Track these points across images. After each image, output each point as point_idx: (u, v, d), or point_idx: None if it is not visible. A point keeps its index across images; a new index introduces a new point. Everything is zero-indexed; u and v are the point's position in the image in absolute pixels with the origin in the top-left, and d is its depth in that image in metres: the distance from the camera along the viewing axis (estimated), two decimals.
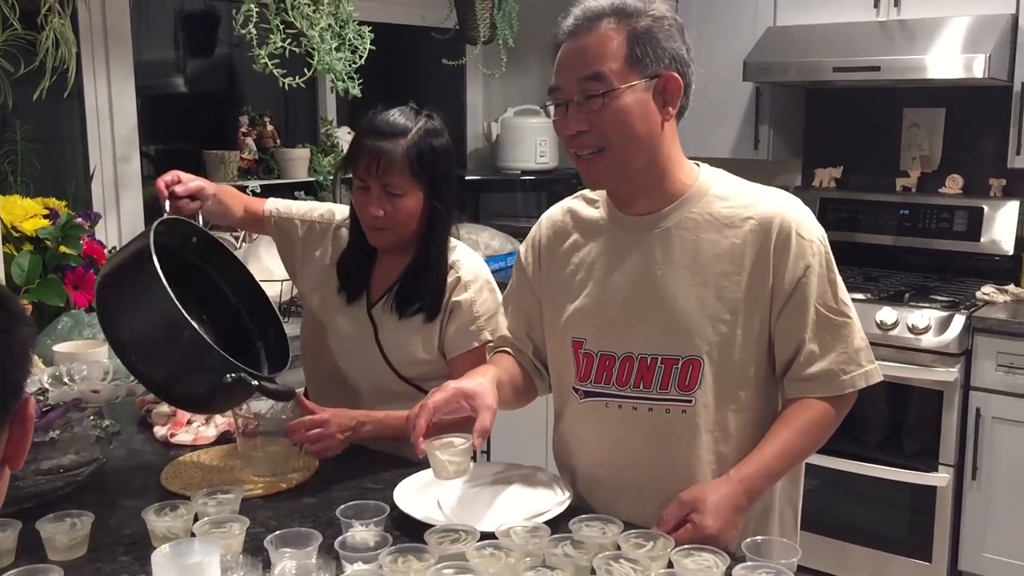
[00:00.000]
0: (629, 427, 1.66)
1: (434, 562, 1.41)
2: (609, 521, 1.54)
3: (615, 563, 1.40)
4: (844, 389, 1.61)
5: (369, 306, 2.05)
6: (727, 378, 1.62)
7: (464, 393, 1.61)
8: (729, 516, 1.53)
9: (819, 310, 1.60)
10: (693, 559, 1.42)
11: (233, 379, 1.72)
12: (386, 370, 2.01)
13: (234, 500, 1.64)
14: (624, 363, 1.65)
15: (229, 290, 2.03)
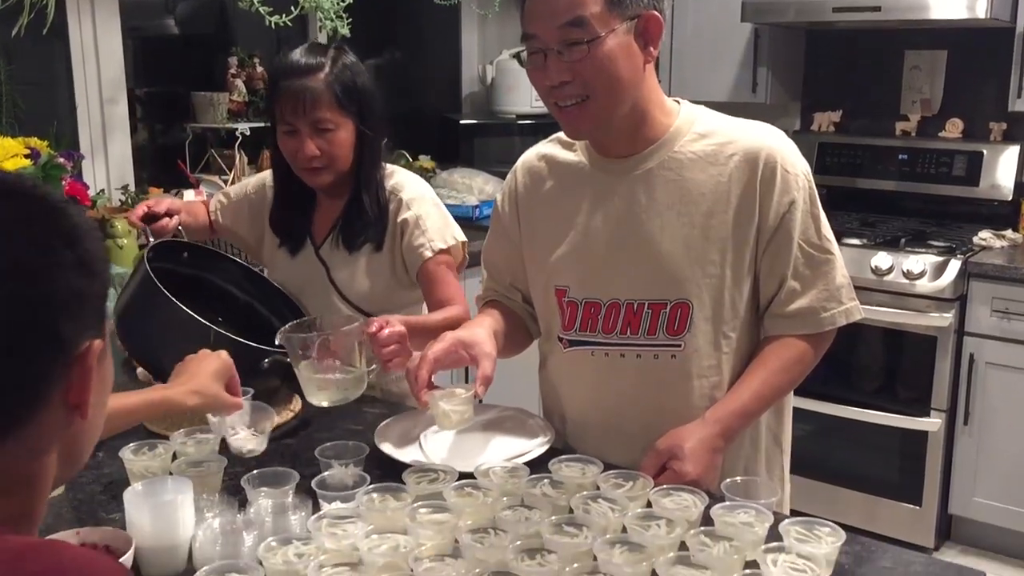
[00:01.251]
0: (617, 375, 1.64)
1: (411, 501, 1.40)
2: (589, 462, 1.53)
3: (593, 503, 1.40)
4: (824, 326, 1.59)
5: (316, 249, 2.03)
6: (718, 320, 1.59)
7: (463, 342, 1.59)
8: (707, 459, 1.52)
9: (802, 246, 1.58)
10: (672, 499, 1.42)
11: (269, 363, 1.77)
12: (345, 308, 2.01)
13: (213, 440, 1.63)
14: (610, 310, 1.62)
15: (234, 288, 2.07)
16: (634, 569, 1.21)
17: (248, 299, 2.06)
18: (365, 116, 1.96)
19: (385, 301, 2.01)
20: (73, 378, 0.80)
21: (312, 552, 1.26)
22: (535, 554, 1.26)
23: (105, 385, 0.87)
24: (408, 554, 1.24)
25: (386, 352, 1.68)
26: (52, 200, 0.81)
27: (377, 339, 1.66)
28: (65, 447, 0.83)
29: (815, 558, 1.24)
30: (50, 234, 0.78)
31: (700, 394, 1.62)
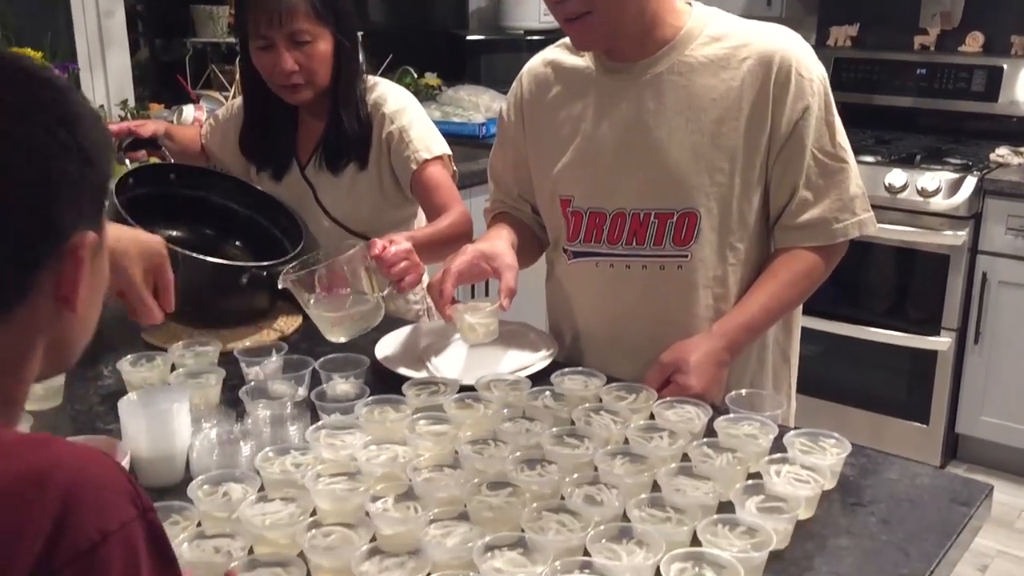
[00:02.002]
0: (622, 286, 1.60)
1: (411, 413, 1.39)
2: (591, 375, 1.50)
3: (595, 415, 1.37)
4: (836, 238, 1.55)
5: (301, 170, 1.98)
6: (725, 231, 1.55)
7: (484, 255, 1.56)
8: (712, 373, 1.48)
9: (815, 155, 1.52)
10: (675, 411, 1.39)
11: (247, 278, 1.72)
12: (335, 229, 1.97)
13: (212, 353, 1.61)
14: (615, 220, 1.58)
15: (232, 203, 2.02)
16: (635, 479, 1.20)
17: (248, 212, 2.02)
18: (342, 27, 1.88)
19: (376, 221, 1.96)
20: (65, 269, 0.77)
21: (310, 462, 1.25)
22: (535, 465, 1.24)
23: (98, 282, 0.85)
24: (407, 465, 1.22)
25: (396, 272, 1.61)
26: (56, 83, 0.79)
27: (383, 260, 1.60)
28: (53, 341, 0.81)
29: (819, 469, 1.22)
30: (51, 116, 0.76)
31: (706, 306, 1.58)
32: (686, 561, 1.03)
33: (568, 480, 1.18)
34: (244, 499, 1.15)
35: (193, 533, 1.09)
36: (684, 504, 1.13)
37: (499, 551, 1.06)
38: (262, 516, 1.13)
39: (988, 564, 2.82)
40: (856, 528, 1.18)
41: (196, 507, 1.14)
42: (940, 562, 1.10)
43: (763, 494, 1.17)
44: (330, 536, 1.09)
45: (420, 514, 1.12)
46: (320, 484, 1.19)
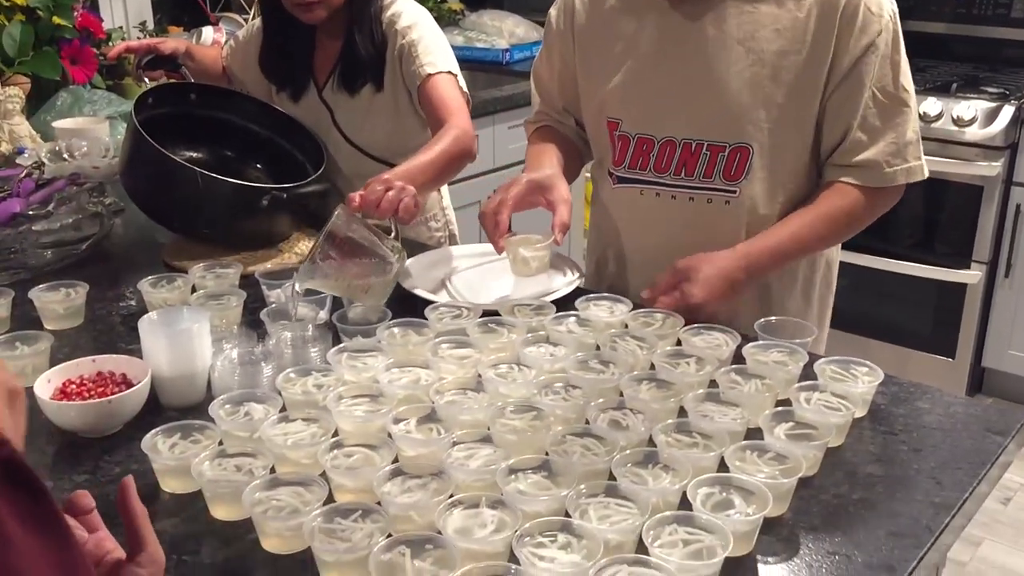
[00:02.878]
0: (667, 216, 1.56)
1: (433, 336, 1.37)
2: (618, 300, 1.47)
3: (621, 340, 1.35)
4: (885, 182, 1.48)
5: (319, 91, 1.94)
6: (778, 168, 1.50)
7: (540, 186, 1.51)
8: (719, 288, 1.44)
9: (875, 94, 1.45)
10: (702, 337, 1.37)
11: (268, 200, 1.69)
12: (353, 152, 1.93)
13: (233, 275, 1.59)
14: (664, 148, 1.53)
15: (254, 125, 1.99)
16: (662, 405, 1.18)
17: (269, 134, 1.99)
18: None
19: (393, 147, 1.92)
20: None
21: (331, 384, 1.24)
22: (559, 390, 1.22)
23: None
24: (429, 388, 1.21)
25: (385, 208, 1.52)
26: None
27: (366, 204, 1.51)
28: None
29: (850, 396, 1.19)
30: None
31: None
32: (713, 486, 1.02)
33: (593, 405, 1.16)
34: (265, 419, 1.13)
35: (214, 452, 1.08)
36: (711, 430, 1.11)
37: (523, 474, 1.05)
38: (284, 436, 1.12)
39: (1011, 497, 2.81)
40: (887, 456, 1.15)
41: (218, 426, 1.13)
42: (973, 492, 1.08)
43: (792, 421, 1.15)
44: (352, 457, 1.08)
45: (443, 436, 1.11)
46: (342, 405, 1.18)
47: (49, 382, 1.22)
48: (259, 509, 0.99)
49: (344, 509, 0.98)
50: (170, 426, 1.12)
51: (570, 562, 0.91)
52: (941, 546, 1.02)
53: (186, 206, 1.71)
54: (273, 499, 1.01)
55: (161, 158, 1.66)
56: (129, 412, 1.20)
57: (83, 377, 1.24)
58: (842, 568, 0.96)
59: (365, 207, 1.52)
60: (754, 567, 0.97)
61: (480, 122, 3.23)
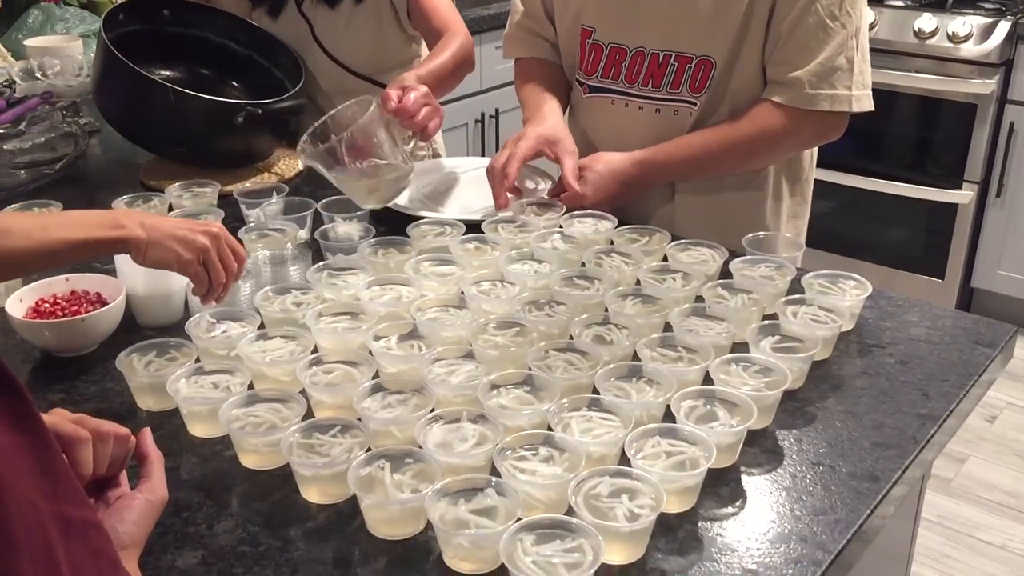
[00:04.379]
0: (634, 127, 1.54)
1: (416, 254, 1.34)
2: (603, 217, 1.45)
3: (606, 257, 1.33)
4: (806, 104, 1.43)
5: (298, 5, 1.87)
6: (735, 83, 1.47)
7: (547, 139, 1.50)
8: (607, 188, 1.48)
9: (818, 11, 1.40)
10: (688, 253, 1.34)
11: (244, 117, 1.64)
12: (334, 68, 1.87)
13: (211, 194, 1.56)
14: (635, 58, 1.51)
15: (231, 42, 1.92)
16: (647, 320, 1.16)
17: (247, 51, 1.93)
18: None
19: (376, 62, 1.87)
20: None
21: (311, 301, 1.21)
22: (543, 306, 1.20)
23: None
24: (410, 304, 1.19)
25: (419, 121, 1.51)
26: None
27: (403, 111, 1.50)
28: None
29: (837, 309, 1.18)
30: None
31: None
32: (698, 399, 1.00)
33: (577, 320, 1.14)
34: (243, 337, 1.11)
35: (191, 369, 1.06)
36: (696, 344, 1.10)
37: (505, 389, 1.03)
38: (262, 353, 1.10)
39: (996, 416, 2.83)
40: (873, 368, 1.14)
41: (195, 344, 1.11)
42: (959, 403, 1.07)
43: (779, 334, 1.13)
44: (332, 373, 1.07)
45: (424, 352, 1.09)
46: (322, 323, 1.16)
47: (21, 301, 1.20)
48: (236, 425, 0.97)
49: (323, 424, 0.96)
50: (145, 343, 1.10)
51: (551, 474, 0.90)
52: (925, 459, 1.01)
53: (160, 125, 1.67)
54: (251, 415, 0.99)
55: (132, 75, 1.61)
56: (104, 331, 1.18)
57: (56, 296, 1.22)
58: (826, 478, 0.95)
59: (400, 114, 1.50)
60: (737, 478, 0.96)
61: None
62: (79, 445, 0.76)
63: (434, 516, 0.84)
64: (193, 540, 0.88)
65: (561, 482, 0.87)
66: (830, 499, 0.93)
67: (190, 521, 0.91)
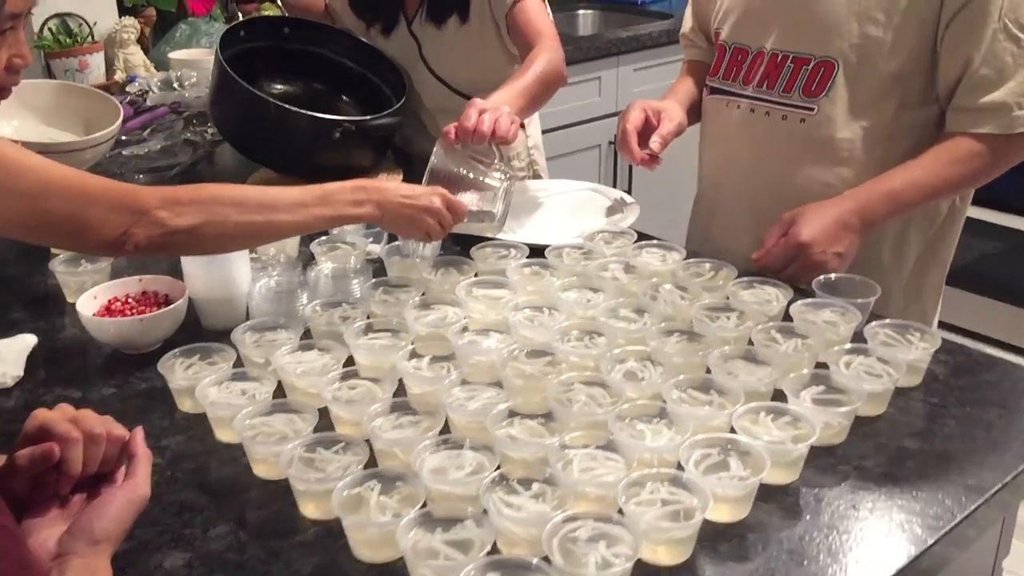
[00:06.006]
0: (744, 132, 1.51)
1: (473, 275, 1.34)
2: (671, 248, 1.40)
3: (663, 289, 1.29)
4: (1014, 128, 1.31)
5: (408, 24, 1.90)
6: (863, 90, 1.39)
7: (652, 107, 1.53)
8: (829, 227, 1.32)
9: (1007, 25, 1.29)
10: (752, 291, 1.28)
11: (340, 132, 1.69)
12: (438, 86, 1.89)
13: None
14: (755, 59, 1.49)
15: (347, 60, 1.98)
16: (686, 359, 1.11)
17: (361, 69, 1.99)
18: None
19: (479, 82, 1.87)
20: None
21: (358, 316, 1.23)
22: (584, 337, 1.18)
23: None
24: (453, 326, 1.19)
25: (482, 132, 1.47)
26: None
27: (464, 132, 1.47)
28: None
29: (895, 363, 1.09)
30: None
31: (824, 167, 1.43)
32: (712, 447, 0.95)
33: (610, 354, 1.11)
34: (285, 346, 1.15)
35: (223, 375, 1.09)
36: (731, 388, 1.04)
37: (521, 419, 1.01)
38: (297, 364, 1.13)
39: None
40: (929, 430, 1.05)
41: (241, 350, 1.15)
42: (1013, 480, 0.97)
43: (824, 385, 1.06)
44: (355, 389, 1.08)
45: (450, 375, 1.09)
46: (362, 339, 1.18)
47: (95, 298, 1.27)
48: (250, 434, 1.00)
49: (328, 440, 0.98)
50: (192, 347, 1.15)
51: (537, 511, 0.87)
52: (963, 535, 0.92)
53: (264, 137, 1.75)
54: (266, 425, 1.02)
55: (241, 89, 1.69)
56: (164, 331, 1.24)
57: (128, 295, 1.29)
58: (835, 545, 0.88)
59: (462, 136, 1.49)
60: (742, 535, 0.91)
61: (605, 63, 3.14)
62: (70, 445, 0.80)
63: (405, 543, 0.83)
64: (186, 542, 0.91)
65: (538, 519, 0.85)
66: (834, 570, 0.86)
67: (189, 523, 0.94)
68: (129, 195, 1.07)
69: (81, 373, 1.21)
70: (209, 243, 1.15)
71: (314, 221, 1.20)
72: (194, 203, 1.10)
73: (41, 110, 1.71)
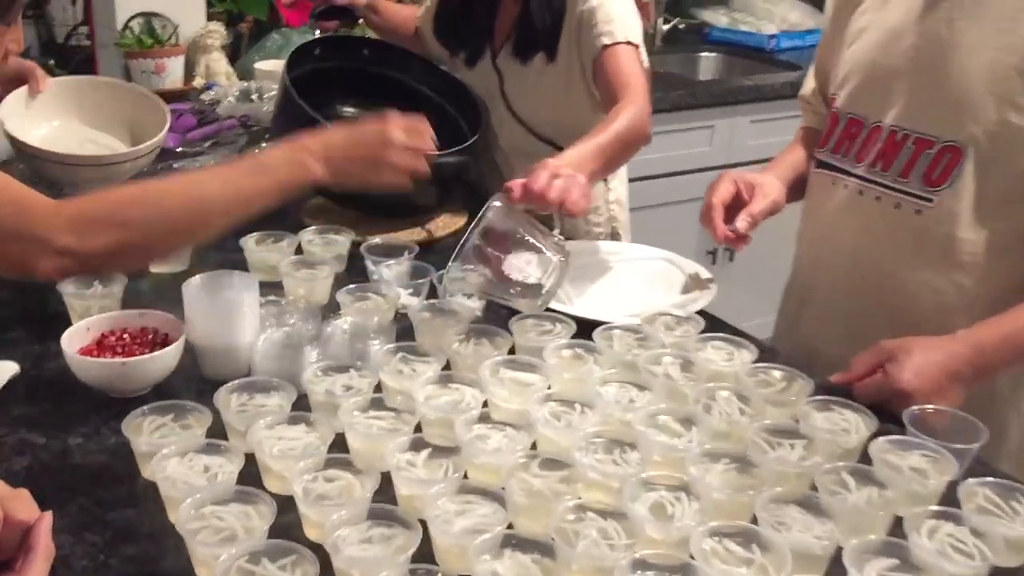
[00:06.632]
0: (847, 215, 1.32)
1: (506, 351, 1.17)
2: (742, 345, 1.21)
3: (720, 398, 1.09)
4: None
5: (493, 58, 1.75)
6: (995, 185, 1.19)
7: (745, 181, 1.35)
8: (936, 378, 1.12)
9: None
10: (828, 415, 1.07)
11: None
12: (515, 126, 1.74)
13: (343, 243, 1.48)
14: (872, 134, 1.29)
15: (426, 88, 1.86)
16: (729, 496, 0.92)
17: (440, 99, 1.86)
18: None
19: (557, 121, 1.71)
20: None
21: (363, 388, 1.08)
22: (615, 448, 0.99)
23: None
24: (464, 414, 1.02)
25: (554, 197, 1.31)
26: None
27: (529, 193, 1.30)
28: None
29: (991, 539, 0.87)
30: None
31: (938, 269, 1.23)
32: None
33: (635, 479, 0.92)
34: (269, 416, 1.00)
35: (193, 443, 0.95)
36: (778, 546, 0.84)
37: (512, 551, 0.84)
38: (277, 440, 0.98)
39: None
40: None
41: (223, 414, 1.01)
42: None
43: (896, 558, 0.85)
44: (333, 483, 0.92)
45: (445, 478, 0.92)
46: (358, 417, 1.02)
47: (87, 330, 1.16)
48: (193, 526, 0.85)
49: (276, 550, 0.82)
50: (163, 404, 1.02)
51: None
52: None
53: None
54: (217, 516, 0.87)
55: (297, 108, 1.57)
56: (151, 376, 1.12)
57: (125, 331, 1.17)
58: None
59: (527, 198, 1.33)
60: None
61: (720, 111, 2.95)
62: None
63: None
64: None
65: None
66: None
67: None
68: (22, 221, 0.93)
69: (53, 414, 1.09)
70: (135, 257, 1.05)
71: (255, 197, 1.08)
72: (107, 217, 0.97)
73: (86, 109, 1.63)
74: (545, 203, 1.32)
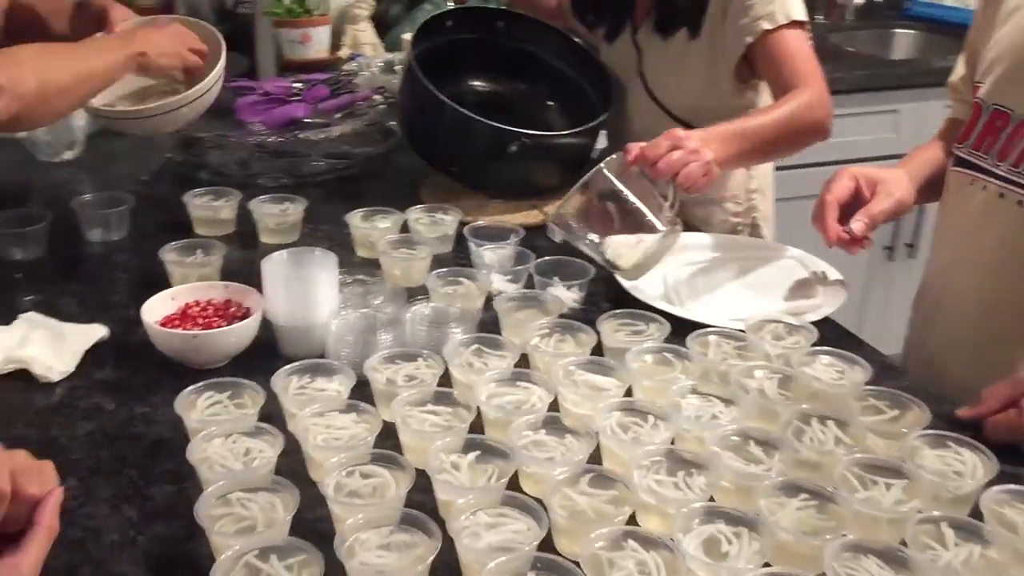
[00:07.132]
0: (986, 221, 1.18)
1: (588, 352, 1.09)
2: (856, 363, 1.07)
3: (815, 423, 0.96)
4: None
5: (633, 33, 1.63)
6: None
7: (867, 177, 1.23)
8: None
9: None
10: (942, 453, 0.93)
11: (516, 147, 1.50)
12: (651, 107, 1.61)
13: (450, 222, 1.44)
14: (1017, 131, 1.14)
15: (564, 65, 1.78)
16: (798, 539, 0.80)
17: (576, 76, 1.77)
18: None
19: (697, 105, 1.57)
20: None
21: (427, 378, 1.03)
22: (680, 469, 0.89)
23: None
24: (524, 415, 0.95)
25: (663, 167, 1.25)
26: None
27: (644, 158, 1.26)
28: None
29: None
30: None
31: None
32: None
33: (699, 507, 0.82)
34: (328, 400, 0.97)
35: (241, 425, 0.93)
36: None
37: (535, 574, 0.76)
38: (325, 428, 0.94)
39: None
40: None
41: (280, 396, 0.99)
42: None
43: None
44: (368, 479, 0.88)
45: (479, 487, 0.86)
46: (413, 411, 0.97)
47: (172, 299, 1.17)
48: (215, 512, 0.83)
49: (289, 548, 0.78)
50: (220, 381, 1.00)
51: None
52: None
53: (438, 139, 1.58)
54: (242, 505, 0.84)
55: (418, 83, 1.53)
56: (225, 350, 1.11)
57: (210, 301, 1.17)
58: None
59: (641, 161, 1.28)
60: None
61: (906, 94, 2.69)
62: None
63: None
64: None
65: None
66: None
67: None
68: None
69: (129, 381, 1.10)
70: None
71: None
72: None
73: None
74: (655, 172, 1.25)
